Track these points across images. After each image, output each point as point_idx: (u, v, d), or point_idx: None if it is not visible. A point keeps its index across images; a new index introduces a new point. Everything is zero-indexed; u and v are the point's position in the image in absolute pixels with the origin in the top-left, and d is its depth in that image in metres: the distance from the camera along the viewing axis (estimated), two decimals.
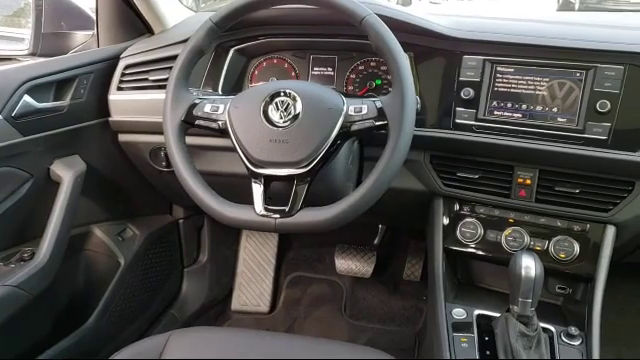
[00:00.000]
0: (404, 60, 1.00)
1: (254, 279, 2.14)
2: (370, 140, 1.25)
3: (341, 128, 1.01)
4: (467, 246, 1.26)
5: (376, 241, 2.08)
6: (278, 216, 0.99)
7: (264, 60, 1.40)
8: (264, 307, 2.09)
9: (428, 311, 1.62)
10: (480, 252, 1.26)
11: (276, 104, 1.03)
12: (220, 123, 1.06)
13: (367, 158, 1.29)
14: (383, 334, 1.94)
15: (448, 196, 1.29)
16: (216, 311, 2.08)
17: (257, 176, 1.02)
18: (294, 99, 1.03)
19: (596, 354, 1.09)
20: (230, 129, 1.05)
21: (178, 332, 1.09)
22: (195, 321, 1.96)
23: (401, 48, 1.01)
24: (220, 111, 1.07)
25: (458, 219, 1.28)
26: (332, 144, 1.01)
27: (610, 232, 1.16)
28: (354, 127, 1.02)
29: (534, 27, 1.24)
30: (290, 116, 1.02)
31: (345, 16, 1.03)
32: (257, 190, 1.02)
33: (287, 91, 1.03)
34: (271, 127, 1.02)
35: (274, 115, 1.03)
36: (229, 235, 2.15)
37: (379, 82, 1.33)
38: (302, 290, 2.13)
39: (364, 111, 1.01)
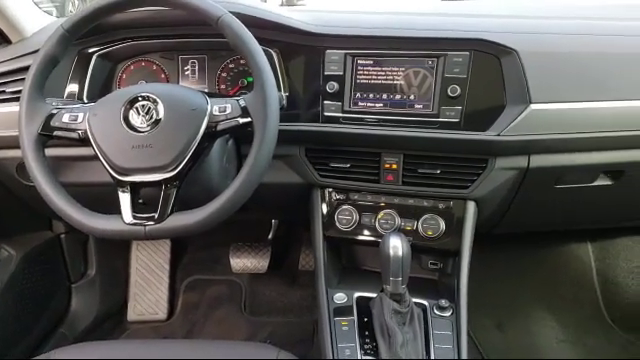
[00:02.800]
0: (262, 58, 1.02)
1: (149, 287, 2.09)
2: (246, 138, 1.26)
3: (206, 128, 1.02)
4: (345, 232, 1.31)
5: (270, 236, 2.10)
6: (150, 223, 0.98)
7: (131, 63, 1.37)
8: (162, 314, 2.06)
9: None
10: (357, 237, 1.31)
11: (137, 109, 1.02)
12: (80, 132, 1.04)
13: (245, 155, 1.30)
14: (283, 326, 1.97)
15: (325, 186, 1.33)
16: (111, 324, 2.02)
17: (123, 184, 1.01)
18: (155, 102, 1.02)
19: (464, 322, 1.17)
20: (91, 138, 1.03)
21: (62, 350, 1.06)
22: (88, 337, 1.89)
23: (259, 46, 1.03)
24: (79, 120, 1.04)
25: (336, 207, 1.32)
26: (199, 145, 1.01)
27: (471, 207, 1.25)
28: (220, 127, 1.03)
29: (391, 19, 1.30)
30: (152, 120, 1.01)
31: (200, 16, 1.03)
32: (124, 198, 1.01)
33: (147, 95, 1.02)
34: (133, 133, 1.01)
35: (135, 120, 1.01)
36: (118, 246, 2.09)
37: (251, 79, 1.34)
38: (200, 293, 2.12)
39: (228, 110, 1.03)
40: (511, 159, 1.20)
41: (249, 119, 1.01)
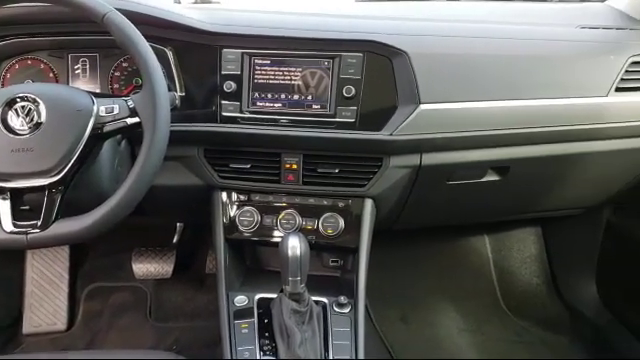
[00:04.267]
0: (151, 56, 1.00)
1: (46, 297, 1.98)
2: (138, 139, 1.22)
3: (92, 130, 0.98)
4: (247, 234, 1.30)
5: (175, 239, 2.06)
6: (34, 231, 0.94)
7: (16, 62, 1.29)
8: (61, 325, 1.95)
9: None
10: (259, 238, 1.31)
11: (16, 110, 0.96)
12: None
13: None
14: (189, 332, 1.93)
15: (225, 188, 1.31)
16: (3, 338, 1.89)
17: (2, 190, 0.96)
18: (35, 103, 0.97)
19: (361, 317, 1.19)
20: None
21: None
22: None
23: (147, 44, 1.00)
24: None
25: (237, 209, 1.31)
26: (85, 148, 0.98)
27: (368, 205, 1.28)
28: (107, 128, 1.00)
29: (288, 19, 1.30)
30: (33, 122, 0.96)
31: (85, 13, 1.00)
32: (3, 205, 0.96)
33: (26, 95, 0.97)
34: (12, 136, 0.95)
35: (15, 122, 0.96)
36: (10, 255, 1.96)
37: None
38: (103, 301, 2.03)
39: (116, 111, 1.00)
40: (404, 157, 1.24)
41: (138, 119, 0.99)
